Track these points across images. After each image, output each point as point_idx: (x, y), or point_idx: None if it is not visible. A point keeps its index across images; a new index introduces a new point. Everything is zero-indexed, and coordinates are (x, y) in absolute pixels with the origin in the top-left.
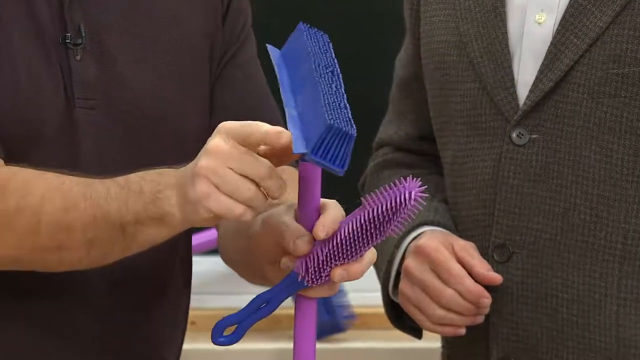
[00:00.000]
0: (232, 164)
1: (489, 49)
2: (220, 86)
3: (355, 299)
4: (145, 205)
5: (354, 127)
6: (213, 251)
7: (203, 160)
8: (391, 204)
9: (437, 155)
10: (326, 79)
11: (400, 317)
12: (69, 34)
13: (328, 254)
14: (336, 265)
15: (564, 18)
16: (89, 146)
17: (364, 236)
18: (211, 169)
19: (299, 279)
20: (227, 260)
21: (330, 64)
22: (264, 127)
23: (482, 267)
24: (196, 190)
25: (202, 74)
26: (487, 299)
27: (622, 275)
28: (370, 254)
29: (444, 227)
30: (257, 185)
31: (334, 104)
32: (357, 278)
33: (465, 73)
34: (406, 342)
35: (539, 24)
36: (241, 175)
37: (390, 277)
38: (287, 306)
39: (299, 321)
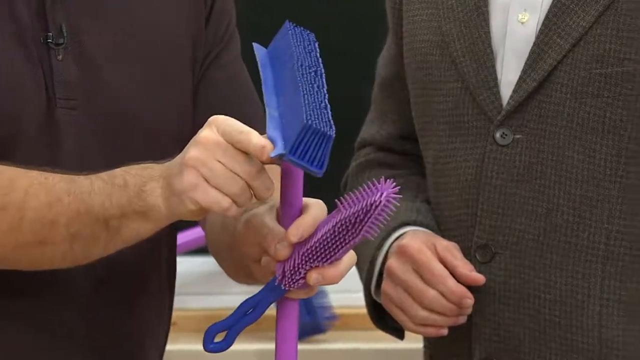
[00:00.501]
0: (222, 158)
1: (472, 48)
2: (204, 86)
3: (336, 299)
4: (129, 198)
5: (333, 127)
6: (194, 252)
7: (192, 151)
8: (364, 205)
9: (420, 155)
10: (308, 78)
11: (382, 317)
12: (51, 34)
13: (304, 257)
14: (312, 268)
15: (547, 18)
16: (70, 146)
17: (339, 239)
18: (200, 160)
19: (276, 283)
20: (216, 258)
21: (314, 64)
22: (252, 138)
23: (465, 267)
24: (184, 180)
25: (183, 75)
26: (469, 300)
27: (604, 276)
28: (349, 257)
29: (427, 227)
30: (245, 182)
31: (314, 104)
32: (335, 282)
33: (448, 73)
34: (388, 342)
35: (522, 23)
36: (230, 171)
37: (372, 278)
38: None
39: (281, 322)
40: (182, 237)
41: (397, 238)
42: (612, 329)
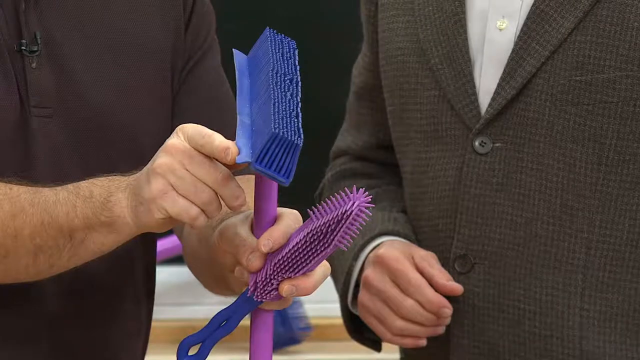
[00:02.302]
0: (189, 165)
1: (449, 55)
2: (183, 94)
3: (312, 310)
4: (94, 209)
5: (302, 137)
6: (168, 261)
7: (160, 159)
8: (336, 215)
9: (396, 164)
10: (282, 86)
11: (359, 329)
12: (24, 42)
13: (276, 268)
14: (284, 279)
15: (525, 24)
16: (45, 155)
17: (311, 249)
18: (169, 168)
19: (248, 294)
20: (193, 271)
21: (290, 71)
22: (215, 140)
23: (442, 277)
24: (152, 188)
25: (161, 83)
26: (448, 309)
27: (585, 286)
28: (322, 268)
29: (404, 237)
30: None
31: (284, 112)
32: (308, 293)
33: (425, 80)
34: (363, 353)
35: (501, 30)
36: (198, 179)
37: (349, 289)
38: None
39: (255, 333)
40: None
41: (373, 248)
42: (593, 340)
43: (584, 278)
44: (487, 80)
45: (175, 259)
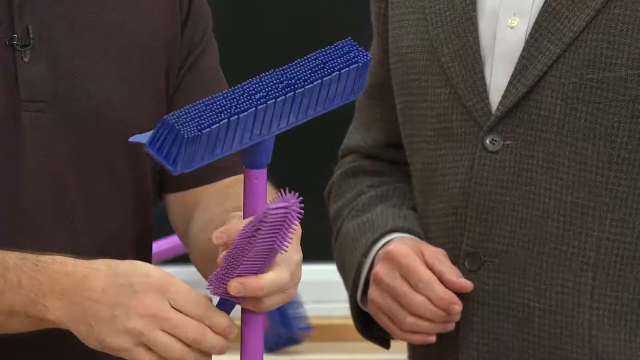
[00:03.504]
0: (165, 325)
1: (460, 53)
2: (181, 90)
3: (312, 310)
4: (22, 303)
5: (202, 132)
6: (167, 261)
7: (133, 321)
8: (259, 216)
9: (405, 162)
10: (266, 86)
11: (368, 326)
12: (16, 35)
13: (227, 265)
14: (234, 277)
15: (537, 22)
16: (35, 151)
17: (241, 248)
18: (139, 332)
19: (205, 288)
20: (202, 272)
21: (301, 80)
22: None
23: (452, 273)
24: (115, 342)
25: (157, 79)
26: (457, 306)
27: (595, 285)
28: (274, 275)
29: (414, 234)
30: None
31: (212, 105)
32: (257, 294)
33: (436, 78)
34: (364, 353)
35: (512, 28)
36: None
37: (358, 286)
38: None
39: (245, 334)
40: (156, 247)
41: (383, 245)
42: (603, 338)
43: (594, 276)
44: (497, 78)
45: (175, 259)
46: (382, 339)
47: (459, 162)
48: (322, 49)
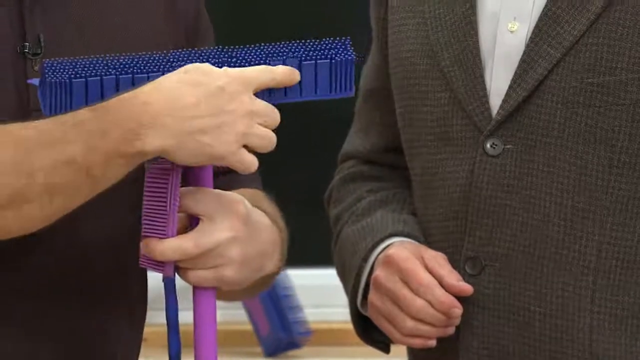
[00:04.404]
0: (259, 119)
1: (460, 57)
2: None
3: (312, 314)
4: (116, 142)
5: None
6: None
7: (238, 123)
8: (147, 172)
9: (405, 167)
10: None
11: (368, 331)
12: (27, 44)
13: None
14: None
15: (537, 27)
16: None
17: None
18: (242, 133)
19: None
20: None
21: (273, 56)
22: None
23: (452, 277)
24: (226, 149)
25: None
26: (458, 310)
27: (595, 289)
28: (179, 239)
29: (414, 238)
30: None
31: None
32: (156, 257)
33: (436, 82)
34: (364, 358)
35: (512, 32)
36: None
37: (358, 290)
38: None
39: (196, 316)
40: None
41: (383, 249)
42: (603, 342)
43: (594, 280)
44: (498, 82)
45: None
46: (383, 344)
47: (459, 167)
48: (311, 40)
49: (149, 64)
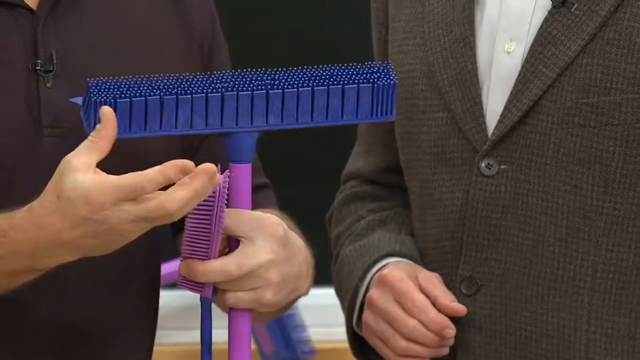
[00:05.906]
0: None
1: (458, 78)
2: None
3: (316, 333)
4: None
5: (114, 101)
6: (170, 285)
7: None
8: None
9: (405, 187)
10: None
11: (364, 350)
12: (40, 61)
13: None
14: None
15: (533, 47)
16: None
17: (188, 230)
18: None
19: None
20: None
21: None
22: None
23: (446, 297)
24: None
25: None
26: (451, 330)
27: (591, 309)
28: (222, 261)
29: (410, 259)
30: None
31: (157, 83)
32: (198, 279)
33: (434, 102)
34: None
35: (508, 53)
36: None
37: (354, 309)
38: None
39: (230, 334)
40: (165, 269)
41: (379, 269)
42: None
43: (590, 300)
44: (494, 103)
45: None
46: None
47: (455, 187)
48: (352, 64)
49: (192, 85)
